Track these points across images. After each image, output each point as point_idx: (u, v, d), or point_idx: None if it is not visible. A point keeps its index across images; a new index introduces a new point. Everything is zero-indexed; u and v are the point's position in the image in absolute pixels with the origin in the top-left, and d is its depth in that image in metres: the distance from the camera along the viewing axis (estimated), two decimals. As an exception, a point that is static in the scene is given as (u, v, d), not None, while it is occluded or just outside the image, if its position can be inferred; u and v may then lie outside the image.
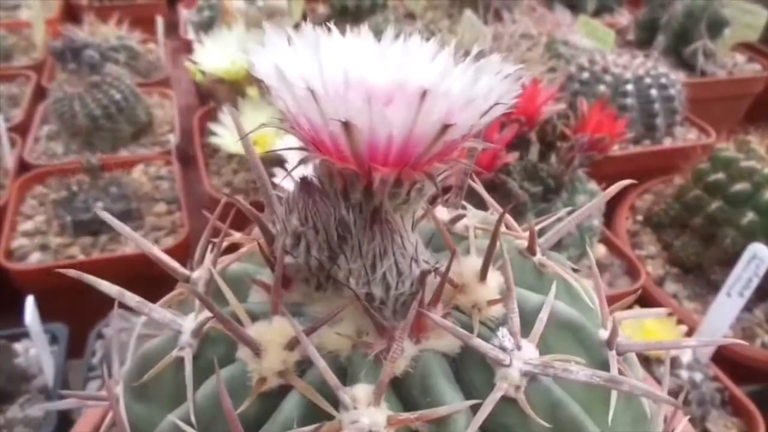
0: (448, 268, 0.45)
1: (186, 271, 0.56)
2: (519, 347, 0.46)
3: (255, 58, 0.40)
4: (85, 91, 1.84)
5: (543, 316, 0.49)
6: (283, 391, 0.44)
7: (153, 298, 0.65)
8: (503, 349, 0.46)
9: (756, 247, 1.29)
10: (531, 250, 0.56)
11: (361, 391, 0.42)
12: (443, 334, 0.47)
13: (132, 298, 0.52)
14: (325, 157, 0.40)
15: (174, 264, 0.57)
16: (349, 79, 0.37)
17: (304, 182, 0.42)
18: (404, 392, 0.45)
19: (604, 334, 0.53)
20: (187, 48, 2.59)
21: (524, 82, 1.44)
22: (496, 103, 0.41)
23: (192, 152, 2.02)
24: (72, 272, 0.50)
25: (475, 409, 0.43)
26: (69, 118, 1.83)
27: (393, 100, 0.41)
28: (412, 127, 0.38)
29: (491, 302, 0.49)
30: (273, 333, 0.45)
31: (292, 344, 0.44)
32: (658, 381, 1.25)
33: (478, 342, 0.45)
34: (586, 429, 0.47)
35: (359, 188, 0.42)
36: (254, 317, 0.47)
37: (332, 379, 0.41)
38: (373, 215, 0.42)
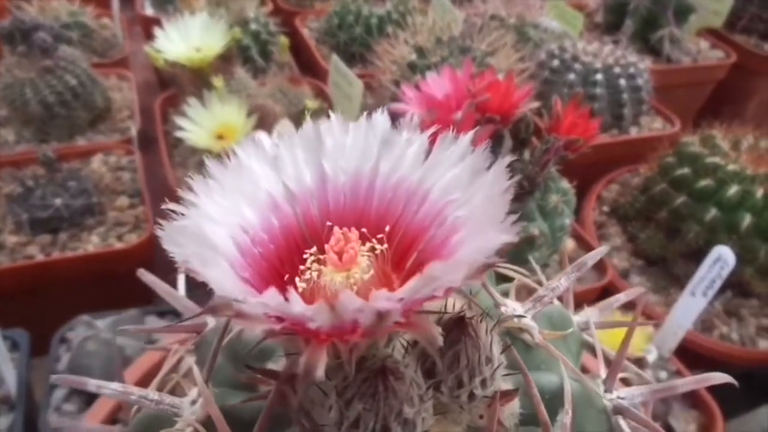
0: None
1: None
2: (515, 309, 0.54)
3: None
4: (37, 76, 1.74)
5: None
6: None
7: (116, 298, 0.60)
8: (520, 317, 0.53)
9: (721, 250, 1.32)
10: None
11: None
12: None
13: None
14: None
15: None
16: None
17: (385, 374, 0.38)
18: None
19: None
20: (145, 23, 2.46)
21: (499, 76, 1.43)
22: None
23: (153, 134, 1.94)
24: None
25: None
26: (20, 105, 1.73)
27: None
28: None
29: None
30: None
31: None
32: (629, 383, 1.29)
33: (528, 338, 0.53)
34: (566, 315, 0.61)
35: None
36: None
37: None
38: (457, 322, 0.42)
